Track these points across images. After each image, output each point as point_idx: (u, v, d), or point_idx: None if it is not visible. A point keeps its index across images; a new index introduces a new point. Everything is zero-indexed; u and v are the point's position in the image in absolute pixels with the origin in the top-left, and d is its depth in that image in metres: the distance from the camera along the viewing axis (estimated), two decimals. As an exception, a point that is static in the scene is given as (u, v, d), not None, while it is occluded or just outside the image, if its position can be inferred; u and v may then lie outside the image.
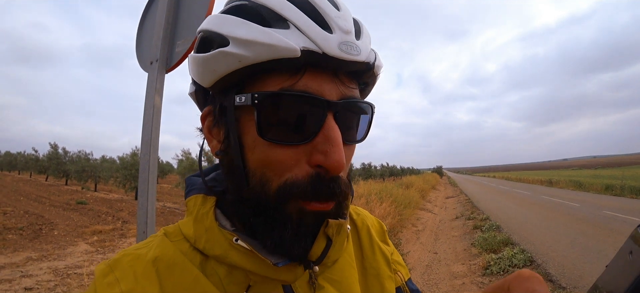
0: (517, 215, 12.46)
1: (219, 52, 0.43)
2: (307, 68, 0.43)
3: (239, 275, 0.48)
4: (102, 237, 8.88)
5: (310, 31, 0.42)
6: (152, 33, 1.67)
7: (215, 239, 0.48)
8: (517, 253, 6.59)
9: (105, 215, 11.86)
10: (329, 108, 0.44)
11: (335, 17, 0.44)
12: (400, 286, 0.64)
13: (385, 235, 0.71)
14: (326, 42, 0.42)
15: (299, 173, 0.44)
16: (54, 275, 5.91)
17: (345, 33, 0.44)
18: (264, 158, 0.44)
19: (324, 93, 0.43)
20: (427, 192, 25.31)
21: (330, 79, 0.44)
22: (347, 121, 0.47)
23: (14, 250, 7.29)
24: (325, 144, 0.43)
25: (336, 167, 0.43)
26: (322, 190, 0.44)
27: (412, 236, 9.84)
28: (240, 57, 0.42)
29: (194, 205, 0.52)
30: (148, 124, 1.54)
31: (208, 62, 0.45)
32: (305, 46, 0.41)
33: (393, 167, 56.70)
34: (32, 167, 31.55)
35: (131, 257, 0.48)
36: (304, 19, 0.43)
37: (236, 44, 0.42)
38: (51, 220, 10.27)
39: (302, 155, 0.44)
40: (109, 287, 0.44)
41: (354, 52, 0.44)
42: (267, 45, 0.41)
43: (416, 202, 15.97)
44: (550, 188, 30.69)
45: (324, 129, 0.43)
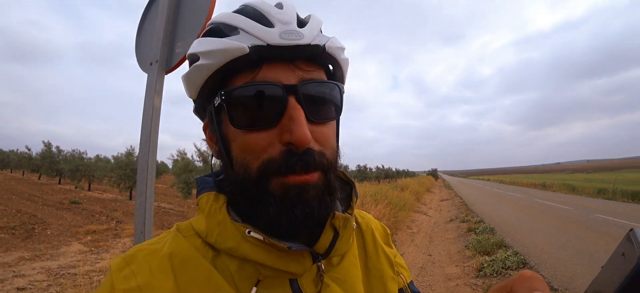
0: (511, 218, 12.56)
1: (194, 67, 0.51)
2: (263, 62, 0.49)
3: (250, 269, 0.50)
4: (96, 237, 8.81)
5: (254, 30, 0.49)
6: (152, 34, 1.68)
7: (227, 232, 0.50)
8: (510, 256, 6.66)
9: (99, 215, 11.77)
10: (288, 91, 0.49)
11: (276, 14, 0.51)
12: (403, 288, 0.66)
13: (388, 238, 0.73)
14: (268, 35, 0.48)
15: (273, 152, 0.48)
16: (47, 275, 5.86)
17: (284, 24, 0.50)
18: (242, 144, 0.50)
19: (281, 80, 0.49)
20: (422, 195, 25.41)
21: (287, 67, 0.50)
22: (313, 101, 0.51)
23: (6, 250, 7.22)
24: (290, 123, 0.48)
25: (301, 140, 0.47)
26: (295, 163, 0.48)
27: (407, 238, 9.88)
28: (208, 66, 0.50)
29: (207, 202, 0.54)
30: (147, 125, 1.55)
31: (188, 77, 0.53)
32: (252, 43, 0.48)
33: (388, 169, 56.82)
34: (25, 165, 31.20)
35: (146, 251, 0.50)
36: (249, 22, 0.50)
37: (203, 56, 0.50)
38: (44, 220, 10.17)
39: (274, 137, 0.49)
40: (125, 280, 0.46)
41: (295, 36, 0.49)
42: (222, 50, 0.48)
43: (411, 204, 16.03)
44: (543, 191, 30.96)
45: (287, 110, 0.48)
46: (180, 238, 0.52)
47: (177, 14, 1.63)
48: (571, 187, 29.59)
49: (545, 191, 31.00)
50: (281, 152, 0.48)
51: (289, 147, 0.48)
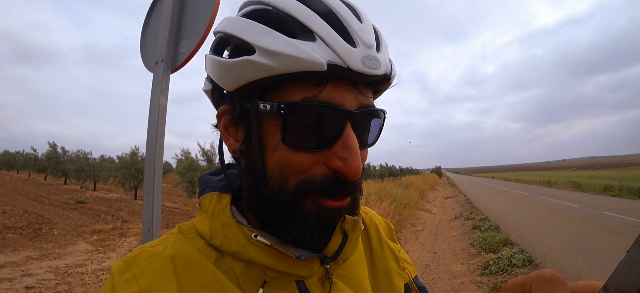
0: (516, 215, 12.50)
1: (246, 60, 0.44)
2: (330, 79, 0.44)
3: (255, 271, 0.49)
4: (102, 236, 8.89)
5: (336, 45, 0.43)
6: (156, 33, 1.69)
7: (232, 235, 0.49)
8: (516, 253, 6.62)
9: (105, 215, 11.87)
10: (348, 117, 0.45)
11: (358, 30, 0.45)
12: (408, 283, 0.66)
13: (393, 233, 0.73)
14: (350, 57, 0.43)
15: (315, 173, 0.46)
16: (54, 274, 5.92)
17: (368, 47, 0.45)
18: (284, 160, 0.46)
19: (344, 103, 0.45)
20: (426, 192, 25.35)
21: (350, 90, 0.46)
22: (364, 128, 0.49)
23: (14, 249, 7.30)
24: (344, 151, 0.45)
25: (354, 174, 0.45)
26: (338, 190, 0.46)
27: (411, 236, 9.87)
28: (266, 67, 0.43)
29: (209, 203, 0.52)
30: (153, 124, 1.56)
31: (233, 68, 0.45)
32: (330, 60, 0.42)
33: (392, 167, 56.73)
34: (31, 166, 31.51)
35: (148, 254, 0.48)
36: (330, 32, 0.44)
37: (263, 53, 0.43)
38: (51, 219, 10.27)
39: (320, 158, 0.46)
40: (127, 284, 0.44)
41: (375, 66, 0.45)
42: (294, 58, 0.42)
43: (415, 202, 16.01)
44: (549, 188, 30.78)
45: (343, 137, 0.45)
46: (182, 240, 0.51)
47: (182, 13, 1.64)
48: (577, 184, 29.40)
49: (551, 188, 30.82)
50: (325, 175, 0.46)
51: (335, 173, 0.46)
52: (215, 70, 0.49)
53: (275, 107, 0.44)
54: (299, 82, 0.44)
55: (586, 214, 12.07)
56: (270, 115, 0.46)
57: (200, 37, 1.49)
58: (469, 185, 39.50)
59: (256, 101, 0.46)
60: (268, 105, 0.45)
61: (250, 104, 0.47)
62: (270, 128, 0.46)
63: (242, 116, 0.49)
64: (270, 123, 0.46)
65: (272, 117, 0.46)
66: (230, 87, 0.48)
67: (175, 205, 15.50)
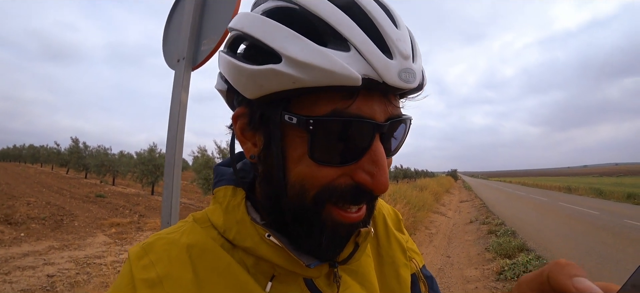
0: (534, 221, 12.21)
1: (271, 70, 0.40)
2: (361, 91, 0.41)
3: (265, 266, 0.50)
4: (119, 229, 9.13)
5: (372, 56, 0.40)
6: (179, 32, 1.73)
7: (246, 232, 0.49)
8: (532, 260, 6.48)
9: (123, 209, 12.18)
10: (377, 130, 0.43)
11: (395, 39, 0.42)
12: (415, 273, 0.66)
13: (400, 223, 0.73)
14: (387, 71, 0.40)
15: (339, 183, 0.44)
16: (74, 264, 6.13)
17: (404, 59, 0.42)
18: (308, 173, 0.44)
19: (374, 116, 0.42)
20: (441, 196, 25.01)
21: (380, 101, 0.43)
22: (390, 137, 0.47)
23: (37, 239, 7.58)
24: (372, 166, 0.43)
25: (381, 189, 0.43)
26: (361, 199, 0.45)
27: (425, 239, 9.76)
28: (294, 79, 0.39)
29: (224, 196, 0.52)
30: (174, 120, 1.60)
31: (256, 76, 0.41)
32: (366, 74, 0.39)
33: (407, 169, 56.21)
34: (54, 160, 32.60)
35: (165, 241, 0.49)
36: (366, 42, 0.40)
37: (290, 63, 0.39)
38: (72, 212, 10.61)
39: (346, 171, 0.44)
40: (144, 270, 0.45)
41: (411, 80, 0.42)
42: (326, 72, 0.38)
43: (430, 204, 15.82)
44: (569, 195, 29.90)
45: (371, 151, 0.43)
46: (197, 229, 0.51)
47: (203, 12, 1.68)
48: (598, 191, 28.47)
49: (571, 195, 29.94)
50: (347, 185, 0.44)
51: (359, 185, 0.44)
52: (233, 75, 0.45)
53: (303, 121, 0.41)
54: (328, 93, 0.41)
55: (607, 222, 11.68)
56: (295, 127, 0.42)
57: (221, 35, 1.53)
58: (485, 189, 38.78)
59: (280, 111, 0.43)
60: (294, 118, 0.42)
61: (273, 113, 0.44)
62: (295, 139, 0.44)
63: (262, 123, 0.46)
64: (294, 134, 0.43)
65: (297, 129, 0.43)
66: (250, 95, 0.44)
67: (191, 202, 15.76)
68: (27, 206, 10.53)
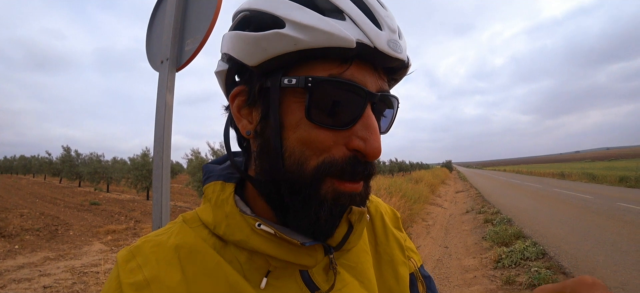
0: (529, 208, 12.32)
1: (275, 33, 0.44)
2: (355, 59, 0.45)
3: (259, 260, 0.49)
4: (116, 237, 9.04)
5: (364, 25, 0.44)
6: (161, 33, 1.70)
7: (236, 224, 0.49)
8: (529, 246, 6.53)
9: (118, 215, 12.07)
10: (370, 98, 0.46)
11: (384, 15, 0.47)
12: (414, 272, 0.66)
13: (398, 222, 0.72)
14: (378, 38, 0.45)
15: (336, 154, 0.45)
16: (71, 273, 6.05)
17: (392, 31, 0.47)
18: (306, 137, 0.45)
19: (366, 84, 0.46)
20: (437, 187, 25.15)
21: (372, 72, 0.47)
22: (380, 112, 0.50)
23: (32, 250, 7.48)
24: (365, 131, 0.45)
25: (375, 153, 0.45)
26: (358, 171, 0.46)
27: (422, 230, 9.81)
28: (296, 41, 0.43)
29: (213, 192, 0.52)
30: (160, 122, 1.58)
31: (260, 41, 0.45)
32: (359, 39, 0.43)
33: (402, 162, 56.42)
34: (46, 169, 32.22)
35: (152, 243, 0.48)
36: (359, 13, 0.45)
37: (293, 26, 0.44)
38: (66, 221, 10.49)
39: (340, 138, 0.46)
40: (131, 273, 0.45)
41: (398, 50, 0.47)
42: (325, 33, 0.43)
43: (426, 196, 15.89)
44: (562, 180, 30.25)
45: (363, 117, 0.46)
46: (186, 229, 0.51)
47: (186, 12, 1.65)
48: (591, 176, 28.83)
49: (564, 180, 30.29)
50: (345, 156, 0.45)
51: (355, 154, 0.46)
52: (238, 45, 0.48)
53: (302, 80, 0.44)
54: (324, 60, 0.45)
55: (601, 206, 11.83)
56: (293, 91, 0.46)
57: (204, 34, 1.50)
58: (480, 179, 39.05)
59: (279, 77, 0.46)
60: (293, 79, 0.45)
61: (272, 80, 0.46)
62: (292, 105, 0.46)
63: (261, 95, 0.48)
64: (292, 100, 0.46)
65: (296, 93, 0.46)
66: (254, 61, 0.46)
67: (187, 205, 15.68)
68: (20, 218, 10.40)
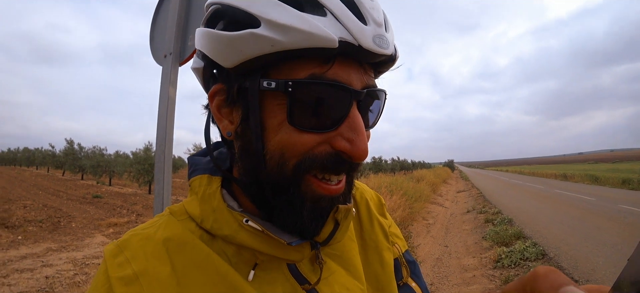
0: (530, 209, 12.29)
1: (250, 33, 0.41)
2: (338, 57, 0.42)
3: (247, 254, 0.49)
4: (117, 229, 9.10)
5: (348, 21, 0.41)
6: (165, 27, 1.71)
7: (223, 220, 0.48)
8: (528, 247, 6.54)
9: (120, 208, 12.14)
10: (355, 97, 0.44)
11: (369, 8, 0.44)
12: (398, 257, 0.67)
13: (383, 208, 0.73)
14: (362, 35, 0.42)
15: (319, 151, 0.44)
16: (72, 264, 6.11)
17: (378, 25, 0.44)
18: (287, 141, 0.44)
19: (351, 82, 0.44)
20: (438, 186, 25.12)
21: (356, 69, 0.44)
22: (366, 108, 0.48)
23: (35, 241, 7.54)
24: (351, 132, 0.44)
25: (361, 154, 0.44)
26: (342, 168, 0.45)
27: (423, 229, 9.82)
28: (273, 42, 0.40)
29: (200, 185, 0.51)
30: (163, 116, 1.59)
31: (235, 42, 0.42)
32: (342, 37, 0.41)
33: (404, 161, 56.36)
34: (49, 162, 32.42)
35: (140, 237, 0.48)
36: (341, 7, 0.42)
37: (269, 26, 0.40)
38: (69, 213, 10.56)
39: (325, 139, 0.44)
40: (120, 268, 0.44)
41: (385, 45, 0.44)
42: (304, 33, 0.39)
43: (427, 195, 15.88)
44: (564, 182, 30.14)
45: (349, 118, 0.44)
46: (174, 222, 0.50)
47: (189, 6, 1.66)
48: (594, 178, 28.72)
49: (567, 182, 30.18)
50: (327, 153, 0.44)
51: (339, 153, 0.44)
52: (211, 45, 0.45)
53: (281, 84, 0.42)
54: (305, 59, 0.42)
55: (603, 208, 11.79)
56: (273, 93, 0.43)
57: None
58: (482, 179, 38.97)
59: (258, 79, 0.43)
60: (273, 82, 0.42)
61: (251, 82, 0.44)
62: (273, 107, 0.44)
63: (240, 96, 0.46)
64: (272, 102, 0.44)
65: (276, 95, 0.43)
66: (229, 63, 0.44)
67: (188, 200, 15.74)
68: (23, 209, 10.48)
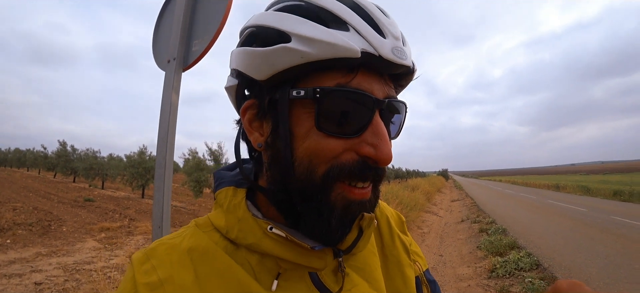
0: (524, 219, 12.36)
1: (282, 47, 0.45)
2: (361, 68, 0.46)
3: (270, 263, 0.50)
4: (109, 234, 8.97)
5: (368, 35, 0.46)
6: (169, 32, 1.71)
7: (248, 228, 0.50)
8: (523, 257, 6.56)
9: (113, 213, 11.98)
10: (377, 105, 0.47)
11: (387, 23, 0.48)
12: (419, 276, 0.67)
13: (404, 225, 0.74)
14: (382, 46, 0.46)
15: (346, 159, 0.46)
16: (63, 270, 5.99)
17: (396, 39, 0.48)
18: (316, 146, 0.46)
19: (373, 91, 0.47)
20: (433, 195, 25.20)
21: (378, 79, 0.48)
22: (388, 119, 0.51)
23: (24, 246, 7.40)
24: (374, 138, 0.46)
25: (385, 158, 0.46)
26: (367, 173, 0.47)
27: (418, 238, 9.81)
28: (302, 54, 0.44)
29: (225, 198, 0.54)
30: (165, 121, 1.58)
31: (268, 56, 0.46)
32: (364, 48, 0.45)
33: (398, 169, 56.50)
34: (41, 163, 31.95)
35: (166, 246, 0.50)
36: (362, 23, 0.46)
37: (299, 40, 0.45)
38: (60, 217, 10.39)
39: (350, 146, 0.46)
40: (146, 275, 0.46)
41: (403, 57, 0.48)
42: (330, 44, 0.44)
43: (422, 204, 15.92)
44: (557, 192, 30.40)
45: (372, 124, 0.47)
46: (199, 233, 0.52)
47: (194, 13, 1.66)
48: (586, 189, 28.99)
49: (559, 192, 30.44)
50: (354, 160, 0.46)
51: (365, 159, 0.47)
52: (246, 61, 0.50)
53: (310, 92, 0.45)
54: (330, 71, 0.46)
55: (595, 219, 11.89)
56: (301, 102, 0.47)
57: (212, 36, 1.51)
58: (476, 188, 39.19)
59: (288, 89, 0.47)
60: (302, 91, 0.46)
61: (281, 93, 0.48)
62: (302, 115, 0.47)
63: (271, 107, 0.49)
64: (301, 111, 0.47)
65: (304, 104, 0.47)
66: (262, 76, 0.48)
67: (182, 205, 15.59)
68: (13, 212, 10.28)
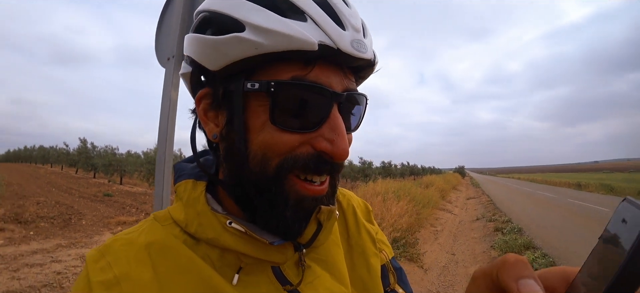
0: (541, 218, 12.05)
1: (234, 37, 0.43)
2: (319, 60, 0.45)
3: (231, 257, 0.49)
4: (126, 227, 9.22)
5: (326, 26, 0.44)
6: (170, 30, 1.74)
7: (207, 223, 0.49)
8: (538, 258, 6.43)
9: (130, 207, 12.31)
10: (335, 99, 0.46)
11: (347, 14, 0.46)
12: (385, 264, 0.67)
13: (370, 215, 0.74)
14: (340, 39, 0.44)
15: (301, 152, 0.46)
16: (81, 261, 6.21)
17: (356, 31, 0.46)
18: (270, 141, 0.45)
19: (332, 85, 0.46)
20: (448, 192, 24.83)
21: (337, 72, 0.47)
22: (348, 111, 0.50)
23: (46, 237, 7.70)
24: (331, 133, 0.45)
25: (341, 154, 0.45)
26: (324, 168, 0.47)
27: (430, 236, 9.70)
28: (256, 45, 0.42)
29: (184, 191, 0.52)
30: (164, 117, 1.61)
31: (221, 45, 0.44)
32: (321, 40, 0.43)
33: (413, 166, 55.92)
34: (63, 160, 33.19)
35: (122, 242, 0.48)
36: (321, 14, 0.44)
37: (253, 30, 0.43)
38: (80, 211, 10.76)
39: (306, 140, 0.46)
40: (101, 272, 0.44)
41: (363, 50, 0.46)
42: (286, 36, 0.42)
43: (435, 201, 15.70)
44: (578, 191, 29.50)
45: (330, 119, 0.46)
46: (157, 227, 0.51)
47: (193, 10, 1.68)
48: (609, 188, 28.04)
49: (581, 191, 29.54)
50: (309, 154, 0.46)
51: (320, 154, 0.46)
52: (199, 49, 0.47)
53: (264, 85, 0.44)
54: (287, 62, 0.44)
55: (617, 219, 11.50)
56: (256, 95, 0.45)
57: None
58: (492, 186, 38.39)
59: (242, 81, 0.45)
60: (256, 84, 0.44)
61: (235, 85, 0.46)
62: (256, 108, 0.46)
63: (225, 98, 0.48)
64: (256, 103, 0.46)
65: (259, 96, 0.45)
66: (215, 66, 0.46)
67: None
68: (36, 205, 10.71)
